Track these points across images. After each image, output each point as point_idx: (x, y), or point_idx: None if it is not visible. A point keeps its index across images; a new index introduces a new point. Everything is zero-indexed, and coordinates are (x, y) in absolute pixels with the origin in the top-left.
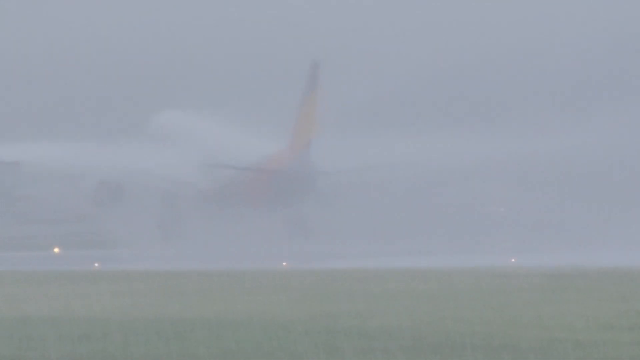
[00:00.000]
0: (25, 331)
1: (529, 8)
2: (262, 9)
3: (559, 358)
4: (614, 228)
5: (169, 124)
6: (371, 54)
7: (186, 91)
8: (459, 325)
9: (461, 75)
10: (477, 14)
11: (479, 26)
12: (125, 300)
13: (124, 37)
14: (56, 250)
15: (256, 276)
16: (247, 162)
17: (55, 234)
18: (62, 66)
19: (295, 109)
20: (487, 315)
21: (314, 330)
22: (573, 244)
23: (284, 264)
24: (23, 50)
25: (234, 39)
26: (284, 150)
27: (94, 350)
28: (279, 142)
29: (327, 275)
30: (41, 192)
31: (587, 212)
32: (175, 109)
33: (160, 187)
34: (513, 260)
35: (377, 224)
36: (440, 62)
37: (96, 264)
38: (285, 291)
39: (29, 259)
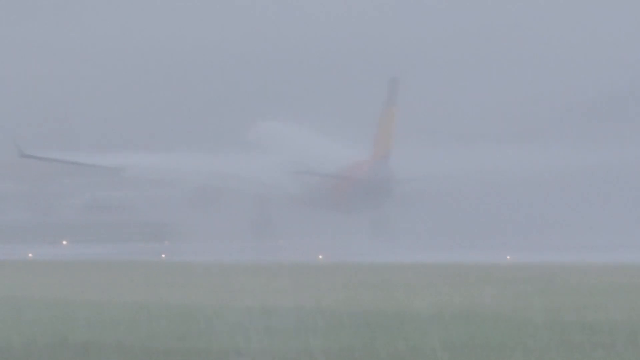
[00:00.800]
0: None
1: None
2: (345, 26)
3: None
4: None
5: (264, 134)
6: (447, 68)
7: (278, 102)
8: None
9: (530, 88)
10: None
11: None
12: (380, 292)
13: (221, 49)
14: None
15: (462, 270)
16: (332, 169)
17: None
18: (163, 77)
19: (376, 120)
20: None
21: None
22: None
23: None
24: (123, 61)
25: (320, 53)
26: (366, 159)
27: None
28: (362, 151)
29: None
30: (143, 195)
31: None
32: (270, 120)
33: (254, 191)
34: None
35: (456, 226)
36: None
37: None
38: (505, 284)
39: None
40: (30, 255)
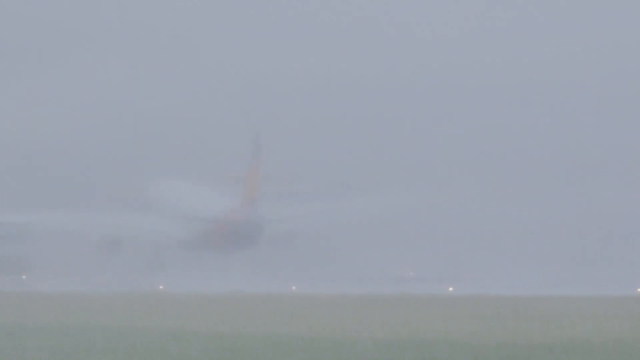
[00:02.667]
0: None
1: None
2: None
3: None
4: None
5: (155, 189)
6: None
7: (164, 162)
8: None
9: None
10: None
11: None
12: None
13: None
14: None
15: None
16: (210, 215)
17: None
18: (64, 144)
19: (245, 171)
20: None
21: None
22: None
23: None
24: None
25: (194, 116)
26: (237, 205)
27: None
28: (234, 199)
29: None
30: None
31: None
32: (158, 178)
33: (149, 239)
34: None
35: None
36: None
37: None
38: None
39: None
40: None
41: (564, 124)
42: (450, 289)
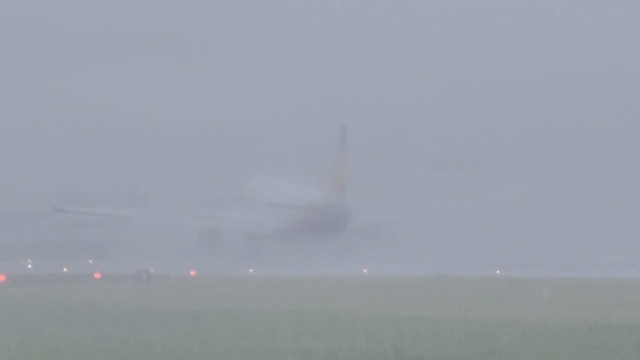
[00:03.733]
0: None
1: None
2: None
3: None
4: None
5: (253, 185)
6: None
7: (260, 161)
8: None
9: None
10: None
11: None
12: None
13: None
14: None
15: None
16: (300, 203)
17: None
18: (167, 147)
19: (333, 163)
20: None
21: None
22: None
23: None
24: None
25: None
26: (326, 194)
27: None
28: (323, 189)
29: None
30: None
31: None
32: (256, 175)
33: (244, 229)
34: None
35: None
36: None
37: None
38: None
39: None
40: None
41: None
42: None
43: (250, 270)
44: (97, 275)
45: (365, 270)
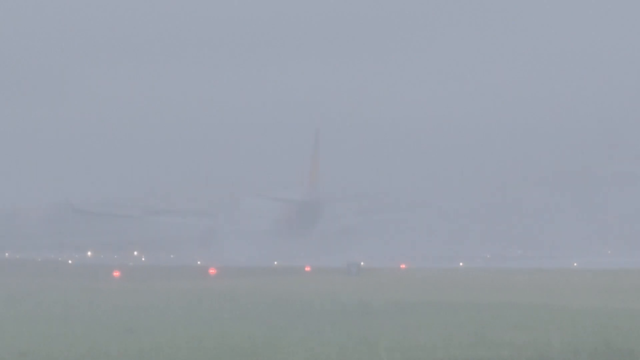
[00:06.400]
0: None
1: None
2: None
3: None
4: None
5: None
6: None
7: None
8: None
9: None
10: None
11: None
12: None
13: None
14: None
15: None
16: (287, 198)
17: None
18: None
19: (308, 161)
20: None
21: None
22: None
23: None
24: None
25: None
26: (304, 189)
27: None
28: (303, 185)
29: None
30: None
31: None
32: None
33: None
34: None
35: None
36: None
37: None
38: None
39: None
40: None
41: None
42: None
43: (461, 263)
44: (307, 268)
45: (575, 264)
